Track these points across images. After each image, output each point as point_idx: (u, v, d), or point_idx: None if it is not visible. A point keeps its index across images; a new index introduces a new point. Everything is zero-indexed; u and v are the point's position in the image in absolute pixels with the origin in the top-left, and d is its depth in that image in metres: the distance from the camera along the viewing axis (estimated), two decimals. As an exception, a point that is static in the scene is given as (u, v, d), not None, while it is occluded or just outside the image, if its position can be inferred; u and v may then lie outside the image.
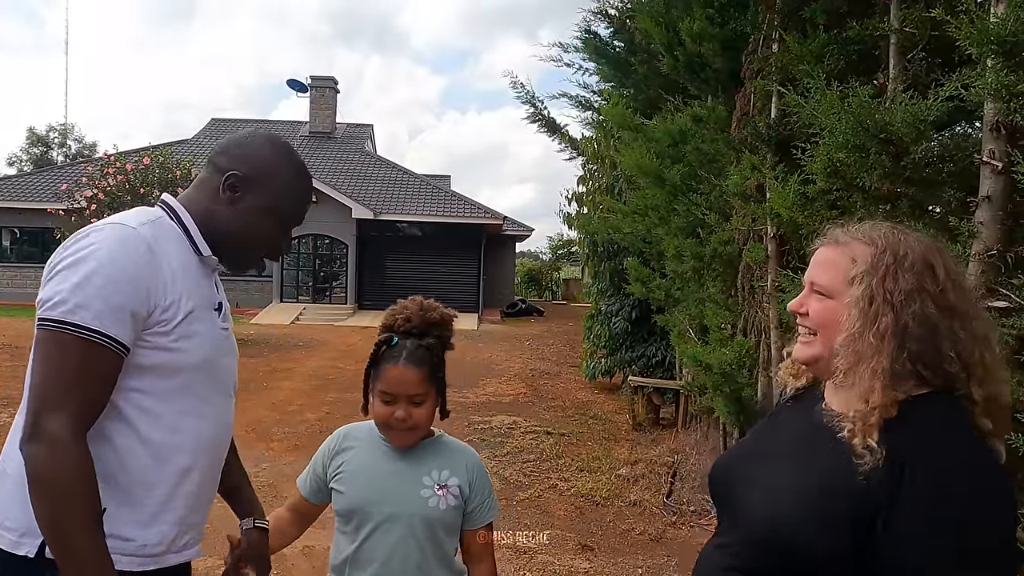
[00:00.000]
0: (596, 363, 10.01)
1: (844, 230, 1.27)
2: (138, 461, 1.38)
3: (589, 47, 8.71)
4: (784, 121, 4.02)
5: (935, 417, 1.11)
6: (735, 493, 1.28)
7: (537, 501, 5.53)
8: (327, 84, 26.72)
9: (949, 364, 1.12)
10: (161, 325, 1.38)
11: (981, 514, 1.03)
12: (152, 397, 1.39)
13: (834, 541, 1.08)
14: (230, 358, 1.60)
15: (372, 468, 1.74)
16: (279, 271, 21.28)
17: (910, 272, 1.14)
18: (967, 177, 2.51)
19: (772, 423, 1.40)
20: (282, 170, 1.56)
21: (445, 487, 1.73)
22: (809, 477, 1.15)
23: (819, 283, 1.23)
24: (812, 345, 1.23)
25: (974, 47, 2.19)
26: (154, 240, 1.40)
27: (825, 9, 3.63)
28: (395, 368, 1.67)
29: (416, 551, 1.69)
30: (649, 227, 6.40)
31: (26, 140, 39.62)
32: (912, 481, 1.04)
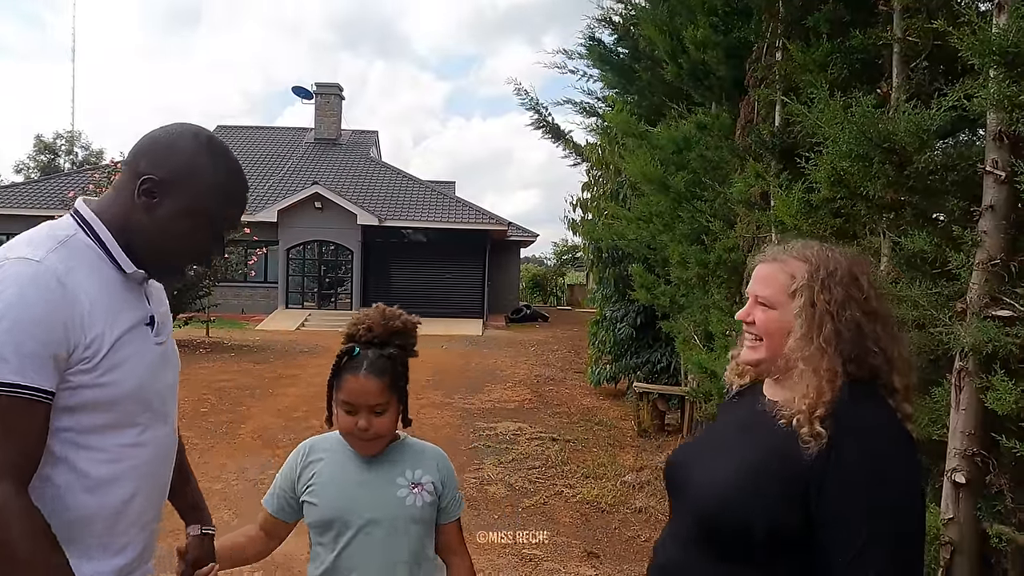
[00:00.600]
0: (601, 369, 10.02)
1: (781, 248, 1.44)
2: (77, 498, 1.32)
3: (593, 54, 8.76)
4: (788, 129, 4.03)
5: (863, 404, 1.27)
6: (684, 478, 1.43)
7: (543, 508, 5.53)
8: (332, 91, 26.84)
9: (873, 359, 1.30)
10: (84, 363, 1.28)
11: (911, 499, 1.22)
12: (86, 434, 1.32)
13: (771, 512, 1.23)
14: (167, 373, 1.50)
15: (344, 477, 1.75)
16: (284, 277, 21.35)
17: (840, 284, 1.32)
18: (970, 186, 2.52)
19: (717, 420, 1.57)
20: (206, 170, 1.39)
21: (419, 485, 1.76)
22: (747, 456, 1.32)
23: (763, 296, 1.39)
24: (758, 350, 1.40)
25: (976, 58, 2.21)
26: (65, 270, 1.28)
27: (828, 18, 3.64)
28: (355, 379, 1.69)
29: (401, 551, 1.72)
30: (654, 233, 6.42)
31: (33, 147, 39.87)
32: (845, 462, 1.21)
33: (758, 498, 1.25)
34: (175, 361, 1.56)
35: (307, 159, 25.21)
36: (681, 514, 1.42)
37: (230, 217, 1.45)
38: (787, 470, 1.25)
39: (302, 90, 27.34)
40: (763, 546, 1.25)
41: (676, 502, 1.46)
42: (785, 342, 1.34)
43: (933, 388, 2.59)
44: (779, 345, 1.35)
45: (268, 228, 20.20)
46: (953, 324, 2.38)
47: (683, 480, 1.44)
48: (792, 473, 1.24)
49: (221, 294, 17.20)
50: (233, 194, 1.44)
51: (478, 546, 4.75)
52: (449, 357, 13.75)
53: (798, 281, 1.34)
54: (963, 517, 2.36)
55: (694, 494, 1.38)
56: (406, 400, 1.78)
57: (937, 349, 2.57)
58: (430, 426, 8.09)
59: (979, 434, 2.34)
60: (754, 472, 1.29)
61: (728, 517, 1.28)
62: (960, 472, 2.35)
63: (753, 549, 1.26)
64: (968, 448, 2.34)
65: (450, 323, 19.79)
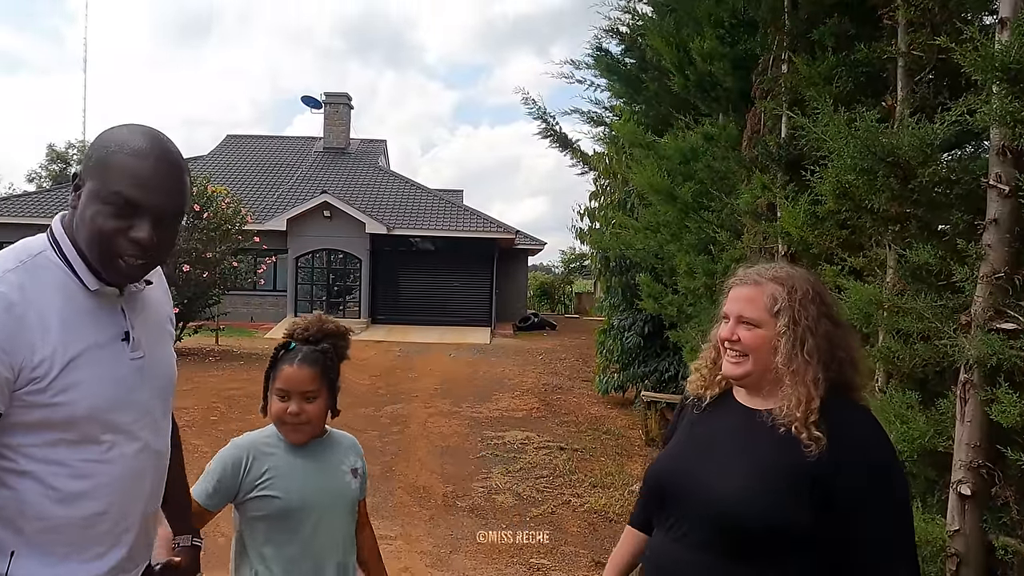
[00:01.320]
0: (609, 378, 10.02)
1: (754, 271, 1.58)
2: (40, 507, 1.32)
3: (600, 64, 8.80)
4: (794, 141, 4.05)
5: (847, 404, 1.48)
6: (685, 486, 1.52)
7: (550, 517, 5.55)
8: (341, 100, 26.99)
9: (840, 364, 1.49)
10: (34, 383, 1.27)
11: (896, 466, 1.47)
12: (44, 449, 1.31)
13: (788, 510, 1.37)
14: (146, 385, 1.46)
15: (300, 469, 1.92)
16: (293, 285, 21.44)
17: (812, 303, 1.50)
18: (974, 200, 2.54)
19: (694, 429, 1.64)
20: (109, 152, 1.33)
21: (355, 470, 2.03)
22: (757, 459, 1.44)
23: (747, 316, 1.53)
24: (743, 364, 1.53)
25: (979, 74, 2.23)
26: (18, 292, 1.27)
27: (833, 31, 3.67)
28: (290, 367, 1.89)
29: (349, 529, 2.00)
30: (661, 243, 6.44)
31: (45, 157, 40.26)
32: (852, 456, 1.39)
33: (777, 497, 1.38)
34: (162, 373, 1.53)
35: (316, 168, 25.34)
36: (688, 520, 1.50)
37: (141, 198, 1.32)
38: (797, 470, 1.39)
39: (311, 100, 27.50)
40: (780, 544, 1.37)
41: (678, 508, 1.53)
42: (770, 357, 1.49)
43: (938, 400, 2.60)
44: (766, 360, 1.50)
45: (277, 237, 20.30)
46: (958, 337, 2.40)
47: (687, 486, 1.52)
48: (802, 472, 1.38)
49: (231, 302, 17.29)
50: (145, 174, 1.32)
51: (486, 554, 4.77)
52: (457, 365, 13.78)
53: (780, 302, 1.50)
54: (969, 529, 2.37)
55: (708, 499, 1.45)
56: (335, 392, 1.99)
57: (942, 361, 2.59)
58: (438, 435, 8.11)
59: (984, 446, 2.35)
60: (769, 474, 1.41)
61: (750, 518, 1.38)
62: (966, 484, 2.36)
63: (771, 548, 1.38)
64: (974, 460, 2.36)
65: (458, 331, 19.83)
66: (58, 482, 1.32)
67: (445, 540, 5.02)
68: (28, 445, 1.30)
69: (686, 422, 1.69)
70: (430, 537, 5.06)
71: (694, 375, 1.70)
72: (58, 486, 1.32)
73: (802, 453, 1.39)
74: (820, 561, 1.38)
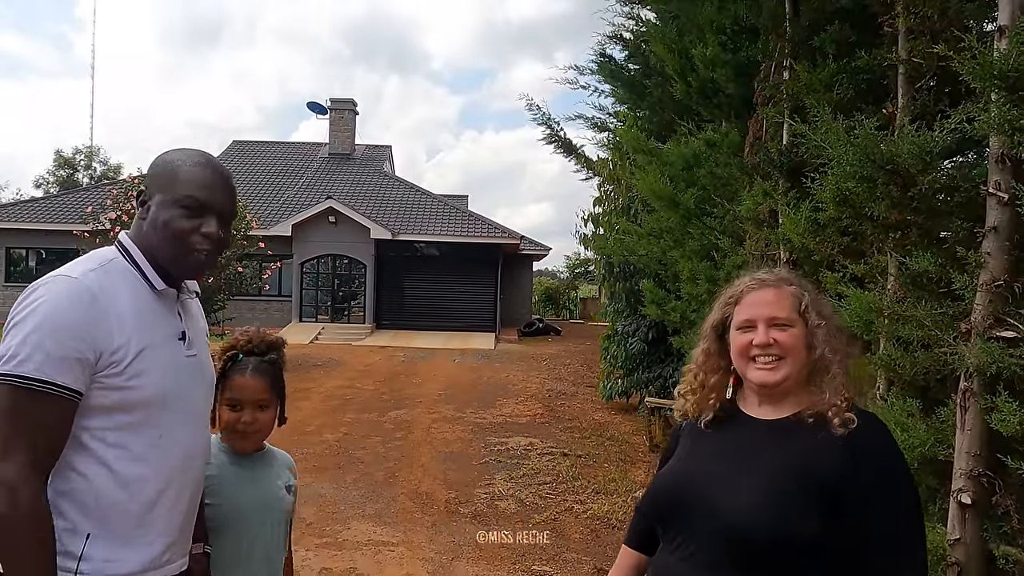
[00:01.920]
0: (613, 384, 10.01)
1: (765, 274, 1.59)
2: (110, 491, 1.48)
3: (604, 70, 8.81)
4: (795, 148, 4.06)
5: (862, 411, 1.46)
6: (691, 503, 1.48)
7: (553, 524, 5.54)
8: (346, 106, 27.08)
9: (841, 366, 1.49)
10: (112, 367, 1.45)
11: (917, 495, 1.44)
12: (116, 432, 1.48)
13: (806, 523, 1.34)
14: (197, 382, 1.66)
15: (237, 480, 1.95)
16: (298, 291, 21.49)
17: (823, 305, 1.53)
18: (974, 207, 2.54)
19: (701, 444, 1.59)
20: (175, 166, 1.59)
21: (288, 487, 2.07)
22: (772, 473, 1.40)
23: (780, 317, 1.50)
24: (781, 369, 1.49)
25: (978, 82, 2.23)
26: (99, 287, 1.47)
27: (834, 39, 3.68)
28: (243, 378, 1.94)
29: (283, 541, 2.04)
30: (664, 249, 6.44)
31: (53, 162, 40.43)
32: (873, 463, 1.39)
33: (785, 508, 1.36)
34: (208, 375, 1.73)
35: (321, 174, 25.42)
36: (696, 537, 1.45)
37: (203, 200, 1.57)
38: (815, 481, 1.37)
39: (317, 105, 27.61)
40: (790, 556, 1.35)
41: (684, 527, 1.48)
42: (805, 355, 1.48)
43: (938, 408, 2.59)
44: (803, 359, 1.48)
45: (282, 242, 20.35)
46: (958, 345, 2.39)
47: (693, 504, 1.47)
48: (812, 478, 1.37)
49: (235, 308, 17.32)
50: (201, 179, 1.58)
51: (488, 561, 4.77)
52: (461, 371, 13.79)
53: (804, 301, 1.50)
54: (969, 538, 2.36)
55: (715, 514, 1.42)
56: (284, 402, 2.03)
57: (943, 369, 2.58)
58: (441, 440, 8.11)
59: (985, 455, 2.34)
60: (785, 488, 1.38)
61: (758, 531, 1.36)
62: (966, 493, 2.36)
63: (781, 561, 1.36)
64: (974, 469, 2.35)
65: (462, 337, 19.83)
66: (121, 466, 1.48)
67: (447, 546, 5.01)
68: (100, 428, 1.47)
69: (688, 438, 1.64)
70: (432, 543, 5.06)
71: (680, 402, 1.66)
72: (121, 470, 1.48)
73: (821, 461, 1.38)
74: (831, 572, 1.37)
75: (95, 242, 12.68)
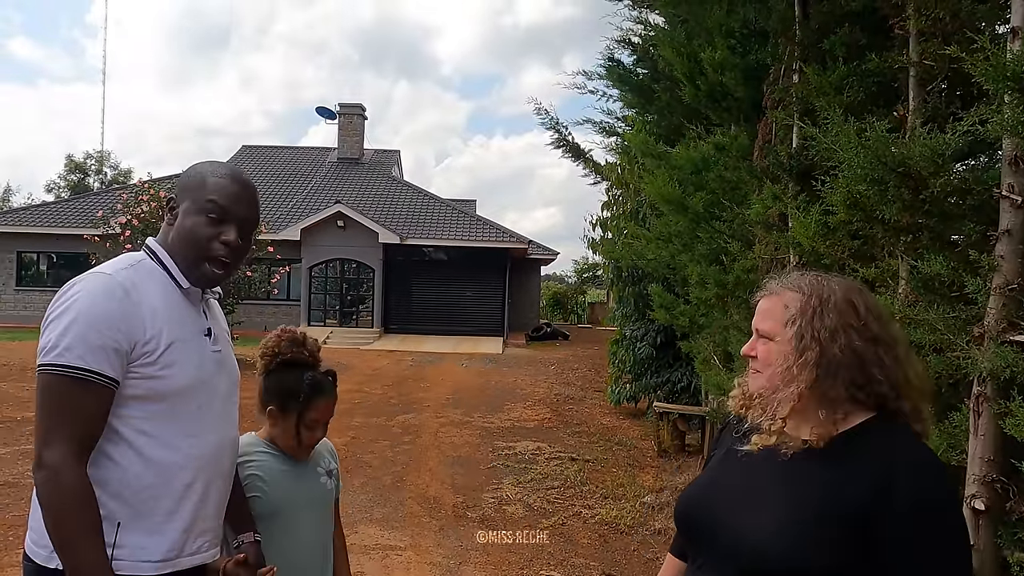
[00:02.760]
0: (621, 388, 9.98)
1: (778, 281, 1.46)
2: (142, 479, 1.55)
3: (612, 74, 8.81)
4: (805, 151, 4.03)
5: (887, 433, 1.29)
6: (709, 526, 1.39)
7: (561, 529, 5.51)
8: (355, 111, 27.18)
9: (879, 386, 1.31)
10: (145, 357, 1.54)
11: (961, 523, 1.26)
12: (148, 421, 1.56)
13: (825, 555, 1.21)
14: (223, 376, 1.74)
15: (280, 472, 2.02)
16: (307, 295, 21.55)
17: (834, 312, 1.34)
18: (987, 210, 2.51)
19: (727, 459, 1.50)
20: (202, 176, 1.68)
21: (330, 472, 2.15)
22: (792, 500, 1.29)
23: (762, 329, 1.42)
24: (757, 379, 1.42)
25: (990, 83, 2.21)
26: (131, 284, 1.57)
27: (844, 41, 3.66)
28: (326, 401, 2.05)
29: (329, 528, 2.12)
30: (673, 254, 6.42)
31: (64, 167, 40.78)
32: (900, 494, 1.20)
33: (810, 542, 1.23)
34: (232, 370, 1.79)
35: (330, 178, 25.51)
36: (712, 561, 1.37)
37: (227, 209, 1.66)
38: (834, 510, 1.23)
39: (325, 110, 27.74)
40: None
41: (704, 549, 1.41)
42: (785, 371, 1.35)
43: (951, 413, 2.57)
44: (778, 374, 1.36)
45: (291, 246, 20.42)
46: (971, 349, 2.37)
47: (711, 527, 1.39)
48: (844, 513, 1.22)
49: (244, 312, 17.41)
50: (225, 188, 1.67)
51: (495, 565, 4.75)
52: (469, 375, 13.78)
53: (791, 311, 1.37)
54: (983, 545, 2.33)
55: (737, 543, 1.32)
56: None
57: (955, 374, 2.56)
58: (449, 445, 8.10)
59: (998, 460, 2.31)
60: (804, 517, 1.25)
61: (782, 564, 1.24)
62: (979, 499, 2.33)
63: None
64: (987, 474, 2.32)
65: (470, 341, 19.84)
66: (153, 453, 1.55)
67: (455, 551, 5.00)
68: (132, 416, 1.54)
69: (722, 449, 1.56)
70: (440, 548, 5.04)
71: (735, 390, 1.54)
72: (152, 457, 1.55)
73: (847, 491, 1.23)
74: None
75: (106, 246, 12.76)
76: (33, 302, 21.38)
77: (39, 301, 21.43)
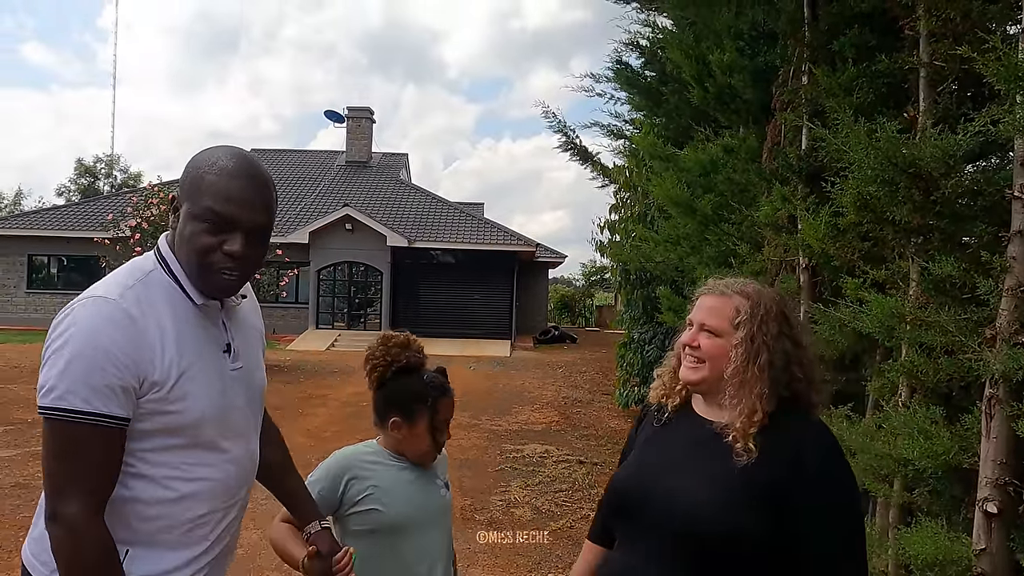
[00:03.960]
0: (629, 391, 9.95)
1: (724, 283, 1.62)
2: (155, 509, 1.45)
3: (620, 77, 8.80)
4: (814, 153, 4.02)
5: (803, 420, 1.51)
6: (643, 500, 1.54)
7: (569, 532, 5.50)
8: (363, 115, 27.26)
9: (798, 383, 1.53)
10: (155, 391, 1.39)
11: (850, 481, 1.48)
12: (162, 454, 1.44)
13: (750, 522, 1.39)
14: (243, 398, 1.59)
15: (403, 484, 1.96)
16: (315, 298, 21.61)
17: (775, 321, 1.54)
18: (999, 211, 2.50)
19: (652, 442, 1.67)
20: (200, 173, 1.44)
21: (447, 483, 2.10)
22: (718, 471, 1.46)
23: (709, 324, 1.57)
24: (700, 370, 1.57)
25: (1002, 84, 2.20)
26: (137, 307, 1.39)
27: (854, 43, 3.64)
28: (449, 401, 2.01)
29: (448, 539, 2.05)
30: (681, 256, 6.39)
31: (74, 171, 41.05)
32: (811, 473, 1.41)
33: (733, 507, 1.40)
34: (256, 383, 1.66)
35: (338, 182, 25.58)
36: (647, 535, 1.51)
37: (229, 214, 1.42)
38: (752, 481, 1.42)
39: (334, 114, 27.83)
40: (737, 556, 1.40)
41: (637, 524, 1.55)
42: (725, 366, 1.53)
43: (963, 416, 2.55)
44: (719, 368, 1.54)
45: (300, 249, 20.48)
46: (983, 351, 2.35)
47: (645, 501, 1.53)
48: (757, 483, 1.41)
49: (253, 314, 17.41)
50: (228, 191, 1.42)
51: (503, 568, 4.74)
52: (476, 378, 13.77)
53: (742, 315, 1.54)
54: (995, 548, 2.31)
55: (666, 511, 1.48)
56: None
57: (967, 376, 2.54)
58: (457, 447, 8.10)
59: (1011, 463, 2.30)
60: (725, 484, 1.44)
61: (707, 528, 1.41)
62: (992, 502, 2.31)
63: (729, 560, 1.40)
64: (1000, 477, 2.30)
65: (478, 344, 19.83)
66: (170, 484, 1.45)
67: (462, 553, 4.99)
68: (145, 450, 1.42)
69: (644, 435, 1.72)
70: (448, 550, 5.04)
71: (656, 382, 1.74)
72: (169, 488, 1.45)
73: (754, 466, 1.42)
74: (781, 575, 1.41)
75: (116, 249, 12.83)
76: (44, 305, 21.53)
77: (50, 304, 21.57)
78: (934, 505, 2.74)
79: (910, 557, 2.44)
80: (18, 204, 42.66)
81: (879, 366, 3.26)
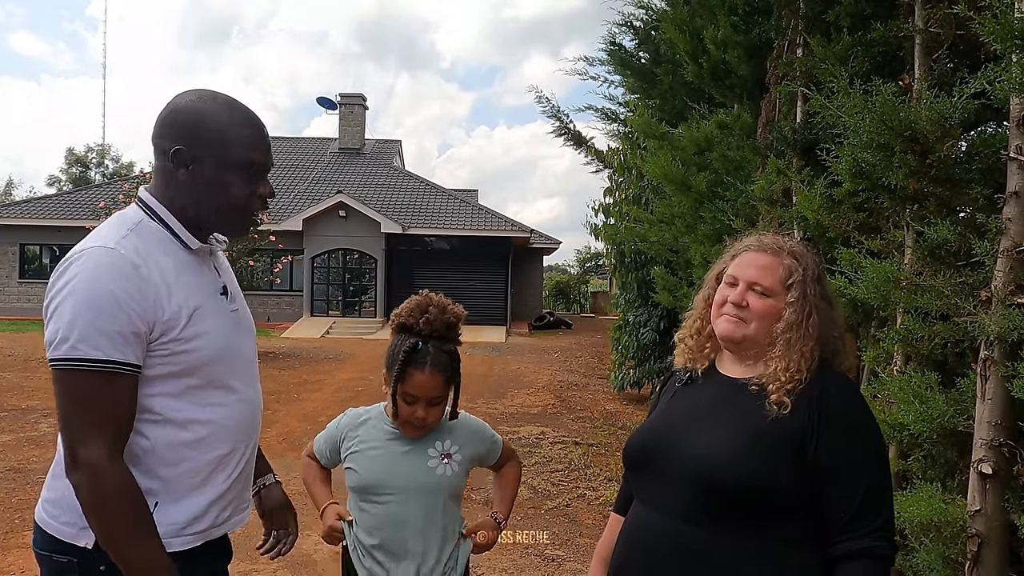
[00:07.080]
0: (624, 374, 9.97)
1: (771, 240, 1.60)
2: (178, 454, 1.46)
3: (614, 59, 8.76)
4: (809, 125, 4.01)
5: (833, 375, 1.51)
6: (666, 450, 1.53)
7: (565, 510, 5.52)
8: (356, 101, 27.13)
9: (833, 343, 1.54)
10: (169, 332, 1.41)
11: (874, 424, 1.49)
12: (180, 398, 1.46)
13: (775, 471, 1.39)
14: (245, 337, 1.64)
15: (383, 448, 1.90)
16: (309, 285, 21.56)
17: (818, 282, 1.55)
18: (994, 174, 2.49)
19: (676, 401, 1.65)
20: (219, 127, 1.48)
21: (448, 455, 1.91)
22: (744, 424, 1.46)
23: (762, 284, 1.54)
24: (743, 328, 1.54)
25: (998, 43, 2.18)
26: (137, 254, 1.40)
27: (849, 12, 3.62)
28: (421, 374, 1.81)
29: (429, 516, 1.87)
30: (675, 235, 6.38)
31: (65, 161, 40.76)
32: (836, 412, 1.43)
33: (760, 458, 1.40)
34: (250, 325, 1.70)
35: (331, 169, 25.48)
36: (668, 485, 1.49)
37: (262, 160, 1.53)
38: (781, 432, 1.42)
39: (327, 101, 27.69)
40: (761, 507, 1.39)
41: (658, 475, 1.52)
42: (773, 326, 1.51)
43: (959, 380, 2.55)
44: (766, 327, 1.52)
45: (293, 237, 20.42)
46: (978, 313, 2.35)
47: (668, 451, 1.52)
48: (785, 435, 1.41)
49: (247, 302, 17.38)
50: (255, 137, 1.52)
51: (500, 546, 4.75)
52: (472, 363, 13.77)
53: (795, 276, 1.52)
54: (990, 509, 2.31)
55: (690, 459, 1.46)
56: (459, 390, 1.92)
57: (962, 341, 2.54)
58: (453, 430, 8.10)
59: (1006, 424, 2.30)
60: (752, 436, 1.43)
61: (733, 477, 1.39)
62: (987, 463, 2.31)
63: (753, 511, 1.39)
64: (995, 438, 2.30)
65: (473, 330, 19.81)
66: (189, 426, 1.47)
67: (459, 531, 5.00)
68: (164, 394, 1.44)
69: (668, 395, 1.70)
70: (444, 528, 5.04)
71: (680, 347, 1.70)
72: (189, 430, 1.47)
73: (785, 417, 1.42)
74: (800, 527, 1.41)
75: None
76: (36, 294, 21.41)
77: (42, 293, 21.23)
78: (929, 471, 2.75)
79: (904, 521, 2.44)
80: (9, 194, 42.40)
81: (874, 334, 3.26)
